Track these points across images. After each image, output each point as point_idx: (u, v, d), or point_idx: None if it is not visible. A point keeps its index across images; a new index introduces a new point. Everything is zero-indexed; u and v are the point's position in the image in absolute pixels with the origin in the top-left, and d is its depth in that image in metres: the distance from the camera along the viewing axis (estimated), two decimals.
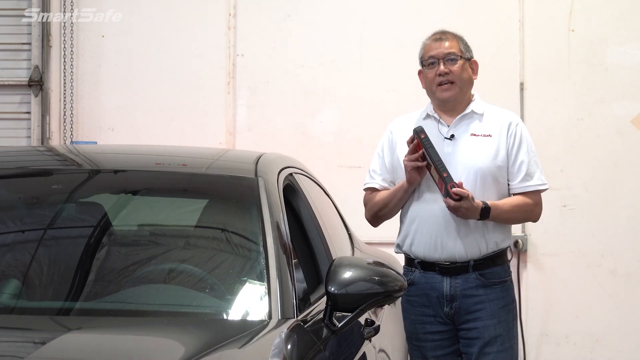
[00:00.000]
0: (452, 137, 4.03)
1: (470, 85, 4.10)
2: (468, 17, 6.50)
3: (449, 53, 4.04)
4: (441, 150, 3.94)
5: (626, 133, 6.44)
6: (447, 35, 4.10)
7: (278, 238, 3.15)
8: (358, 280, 3.00)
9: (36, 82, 6.72)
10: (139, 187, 3.59)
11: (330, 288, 2.97)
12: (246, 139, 6.60)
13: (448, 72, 4.02)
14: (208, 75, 6.65)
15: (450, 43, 4.07)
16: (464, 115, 4.06)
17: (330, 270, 3.01)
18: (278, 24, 6.64)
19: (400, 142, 4.09)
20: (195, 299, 3.11)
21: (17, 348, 2.69)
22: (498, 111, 4.13)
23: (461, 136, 4.04)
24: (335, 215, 4.50)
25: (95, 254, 3.30)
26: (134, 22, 6.71)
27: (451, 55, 4.04)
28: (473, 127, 4.05)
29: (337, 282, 2.97)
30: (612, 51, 6.49)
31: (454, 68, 4.03)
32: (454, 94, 4.04)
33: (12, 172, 3.68)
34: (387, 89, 6.55)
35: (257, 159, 3.67)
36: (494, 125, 4.06)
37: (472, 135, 4.03)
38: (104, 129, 6.73)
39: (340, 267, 3.02)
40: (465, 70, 4.06)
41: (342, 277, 2.98)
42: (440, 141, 4.01)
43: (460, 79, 4.03)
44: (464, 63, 4.05)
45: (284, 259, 3.10)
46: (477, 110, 4.07)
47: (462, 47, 4.08)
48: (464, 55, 4.07)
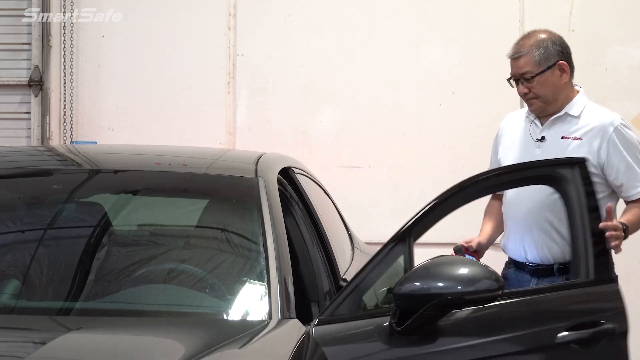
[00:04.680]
0: (542, 139, 3.99)
1: (560, 90, 3.98)
2: (468, 17, 6.50)
3: (523, 73, 3.95)
4: (530, 153, 3.93)
5: None
6: (522, 49, 3.98)
7: (278, 238, 3.15)
8: (422, 279, 2.92)
9: (36, 82, 6.72)
10: (139, 187, 3.59)
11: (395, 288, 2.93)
12: (246, 139, 6.60)
13: (528, 91, 3.96)
14: (208, 75, 6.65)
15: (525, 59, 3.95)
16: (557, 118, 3.99)
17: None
18: (278, 24, 6.64)
19: (504, 136, 4.11)
20: (195, 299, 3.11)
21: (17, 348, 2.69)
22: (598, 113, 4.02)
23: (551, 138, 3.98)
24: (335, 215, 4.50)
25: (95, 254, 3.30)
26: (134, 22, 6.71)
27: (526, 75, 3.95)
28: (565, 130, 3.98)
29: (401, 281, 2.93)
30: (612, 51, 6.49)
31: (532, 85, 3.95)
32: (538, 108, 3.99)
33: (12, 172, 3.68)
34: (387, 89, 6.55)
35: (257, 159, 3.67)
36: (589, 127, 3.96)
37: (563, 138, 3.96)
38: (104, 129, 6.73)
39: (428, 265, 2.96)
40: (546, 82, 3.95)
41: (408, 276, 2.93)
42: (531, 143, 4.00)
43: (542, 94, 3.95)
44: (542, 77, 3.94)
45: (284, 259, 3.10)
46: (572, 112, 3.99)
47: (538, 58, 3.94)
48: (542, 67, 3.93)
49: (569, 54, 4.04)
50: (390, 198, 6.47)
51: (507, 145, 4.12)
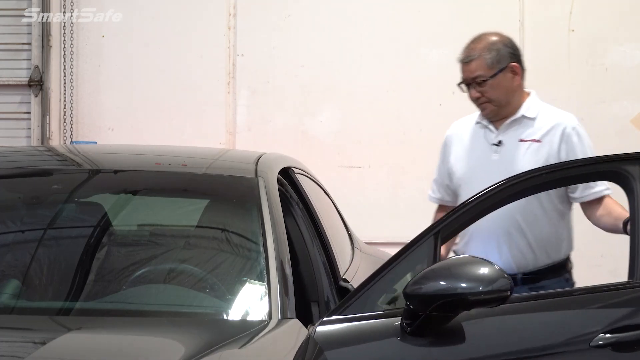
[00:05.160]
0: (499, 143, 3.90)
1: (513, 92, 3.91)
2: (468, 17, 6.50)
3: (475, 77, 3.88)
4: (487, 158, 3.86)
5: (626, 133, 6.44)
6: (473, 53, 3.90)
7: (278, 238, 3.14)
8: (432, 279, 2.80)
9: (36, 82, 6.72)
10: (139, 187, 3.59)
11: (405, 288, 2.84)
12: (246, 139, 6.60)
13: (480, 96, 3.89)
14: (208, 75, 6.66)
15: (476, 63, 3.88)
16: (514, 121, 3.91)
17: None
18: (278, 24, 6.64)
19: (454, 145, 4.02)
20: (195, 299, 3.11)
21: (17, 348, 2.68)
22: (554, 114, 3.94)
23: (509, 142, 3.89)
24: (335, 215, 4.49)
25: (95, 254, 3.29)
26: (134, 22, 6.71)
27: (478, 79, 3.88)
28: (522, 132, 3.89)
29: (412, 281, 2.83)
30: (612, 51, 6.49)
31: (484, 89, 3.87)
32: (492, 112, 3.91)
33: (12, 172, 3.67)
34: (387, 89, 6.56)
35: (257, 159, 3.67)
36: (546, 129, 3.88)
37: (521, 141, 3.88)
38: (104, 129, 6.73)
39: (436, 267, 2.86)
40: (499, 85, 3.88)
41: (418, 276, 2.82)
42: (487, 148, 3.92)
43: (494, 97, 3.88)
44: (494, 80, 3.87)
45: (284, 259, 3.10)
46: (528, 114, 3.91)
47: (490, 61, 3.87)
48: (494, 70, 3.86)
49: (520, 56, 3.97)
50: (390, 198, 6.47)
51: (459, 153, 4.01)
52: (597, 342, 2.93)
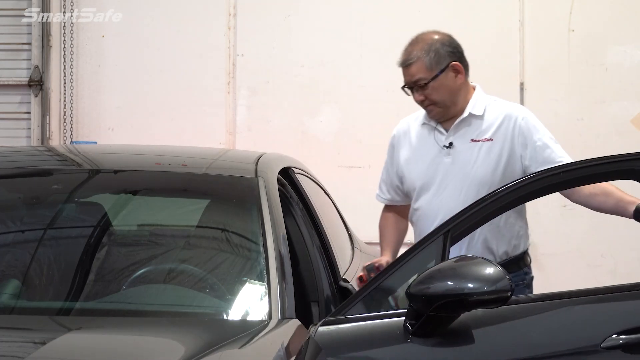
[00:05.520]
0: (450, 145, 3.79)
1: (458, 92, 3.79)
2: (468, 17, 6.50)
3: (416, 80, 3.75)
4: (440, 161, 3.77)
5: (626, 133, 6.44)
6: (411, 56, 3.76)
7: (278, 238, 3.14)
8: (436, 279, 2.75)
9: (36, 82, 6.72)
10: (139, 187, 3.59)
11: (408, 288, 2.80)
12: (246, 139, 6.60)
13: (424, 99, 3.77)
14: (208, 75, 6.66)
15: (415, 66, 3.75)
16: (462, 120, 3.79)
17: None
18: (278, 24, 6.64)
19: (402, 146, 3.93)
20: (195, 299, 3.11)
21: (17, 348, 2.68)
22: (501, 107, 3.83)
23: (460, 144, 3.78)
24: (335, 215, 4.49)
25: (95, 254, 3.29)
26: (134, 22, 6.72)
27: (419, 82, 3.75)
28: (473, 132, 3.78)
29: (415, 281, 2.78)
30: (612, 51, 6.49)
31: (427, 92, 3.75)
32: (438, 114, 3.79)
33: (12, 172, 3.67)
34: (387, 89, 6.55)
35: (257, 159, 3.67)
36: (496, 126, 3.77)
37: (472, 142, 3.77)
38: (104, 129, 6.73)
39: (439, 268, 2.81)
40: (442, 87, 3.75)
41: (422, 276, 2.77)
42: (439, 151, 3.80)
43: (439, 99, 3.76)
44: (436, 82, 3.74)
45: (284, 258, 3.10)
46: (475, 112, 3.79)
47: (429, 63, 3.74)
48: (434, 72, 3.73)
49: (461, 53, 3.84)
50: None
51: (408, 155, 3.91)
52: (608, 343, 2.87)
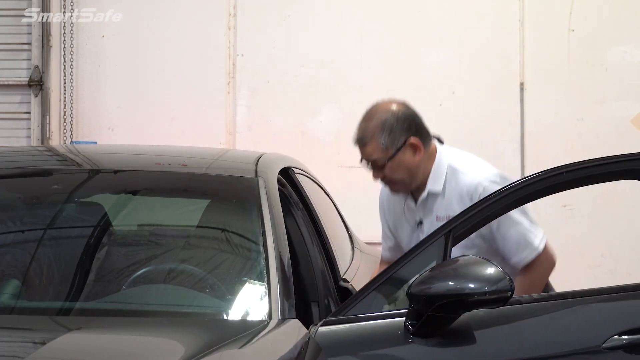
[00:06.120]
0: (421, 222, 3.63)
1: (417, 168, 3.57)
2: (468, 17, 6.51)
3: (373, 160, 3.58)
4: (417, 236, 3.61)
5: (626, 133, 6.44)
6: (366, 135, 3.62)
7: (278, 238, 3.14)
8: (436, 279, 2.73)
9: (36, 82, 6.72)
10: (139, 187, 3.59)
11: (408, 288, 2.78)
12: (246, 139, 6.60)
13: (383, 176, 3.59)
14: (208, 75, 6.66)
15: (371, 147, 3.59)
16: (426, 197, 3.61)
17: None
18: (278, 24, 6.65)
19: (387, 208, 3.79)
20: (195, 299, 3.11)
21: (17, 348, 2.68)
22: (461, 180, 3.59)
23: (428, 221, 3.61)
24: (335, 215, 4.49)
25: (95, 254, 3.29)
26: (134, 22, 6.72)
27: (376, 163, 3.57)
28: (437, 208, 3.59)
29: (416, 282, 2.76)
30: (612, 51, 6.49)
31: (385, 171, 3.57)
32: (400, 189, 3.64)
33: (12, 172, 3.68)
34: (387, 89, 6.54)
35: (257, 159, 3.67)
36: (455, 202, 3.56)
37: (438, 220, 3.54)
38: (104, 129, 6.73)
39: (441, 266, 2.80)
40: (399, 166, 3.56)
41: (422, 277, 2.75)
42: (414, 226, 3.66)
43: (398, 178, 3.58)
44: (393, 162, 3.55)
45: (284, 259, 3.10)
46: (435, 189, 3.59)
47: (384, 143, 3.56)
48: (390, 152, 3.54)
49: (418, 124, 3.63)
50: None
51: (394, 219, 3.77)
52: (609, 343, 2.86)
